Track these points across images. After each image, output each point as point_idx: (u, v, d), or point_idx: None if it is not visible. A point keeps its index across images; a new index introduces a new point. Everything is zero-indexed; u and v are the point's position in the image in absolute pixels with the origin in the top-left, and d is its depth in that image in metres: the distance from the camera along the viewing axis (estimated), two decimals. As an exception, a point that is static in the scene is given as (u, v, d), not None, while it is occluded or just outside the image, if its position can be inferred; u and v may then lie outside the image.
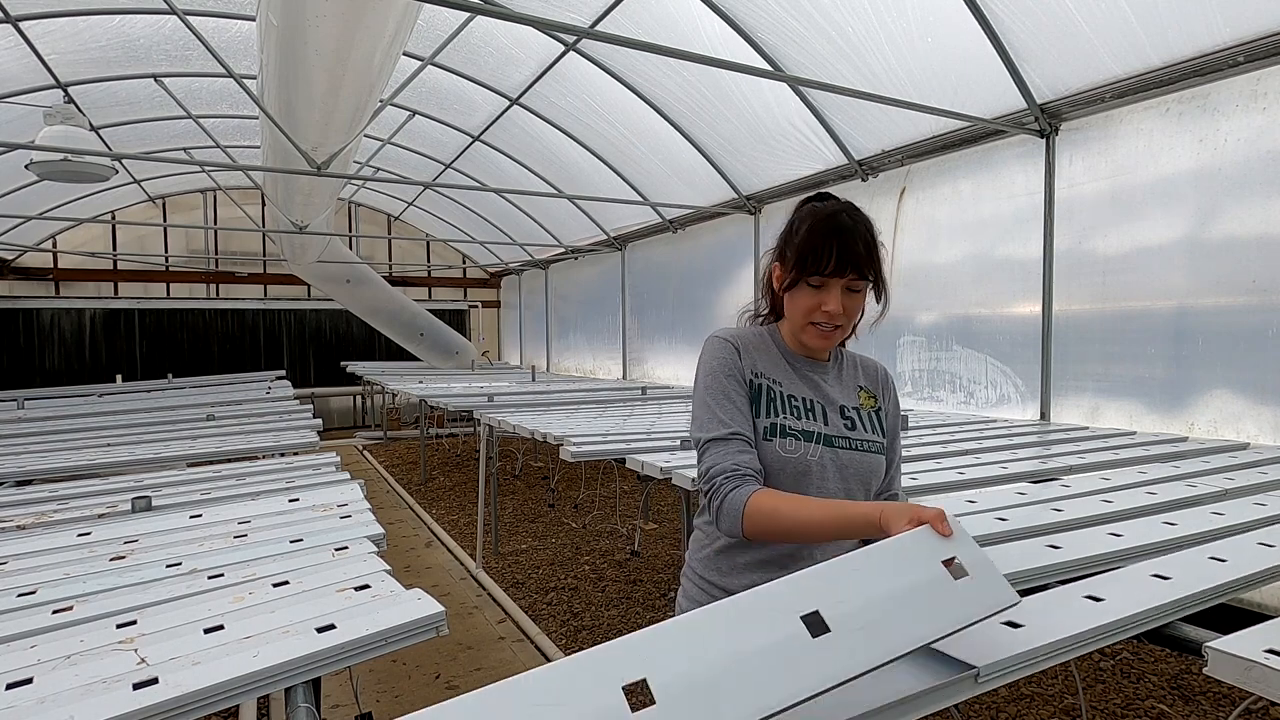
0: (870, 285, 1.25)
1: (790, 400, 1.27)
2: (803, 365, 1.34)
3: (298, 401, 5.58)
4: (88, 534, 1.92)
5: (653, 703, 0.69)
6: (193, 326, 11.35)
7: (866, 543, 1.31)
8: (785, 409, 1.26)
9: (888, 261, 1.29)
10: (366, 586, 1.39)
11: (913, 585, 0.89)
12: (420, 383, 8.08)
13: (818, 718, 0.83)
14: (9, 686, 1.02)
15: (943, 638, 0.85)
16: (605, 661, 0.73)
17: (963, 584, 0.90)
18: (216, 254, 11.44)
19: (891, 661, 0.81)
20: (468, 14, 4.48)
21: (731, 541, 1.28)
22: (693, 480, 2.40)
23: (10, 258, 10.11)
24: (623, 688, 0.70)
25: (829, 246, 1.20)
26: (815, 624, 0.82)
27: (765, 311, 1.41)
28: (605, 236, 8.98)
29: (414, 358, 11.18)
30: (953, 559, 0.93)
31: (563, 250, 9.90)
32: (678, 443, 3.16)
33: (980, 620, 0.88)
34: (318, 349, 12.30)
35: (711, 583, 1.29)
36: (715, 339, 1.32)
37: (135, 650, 1.13)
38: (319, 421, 4.45)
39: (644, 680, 0.71)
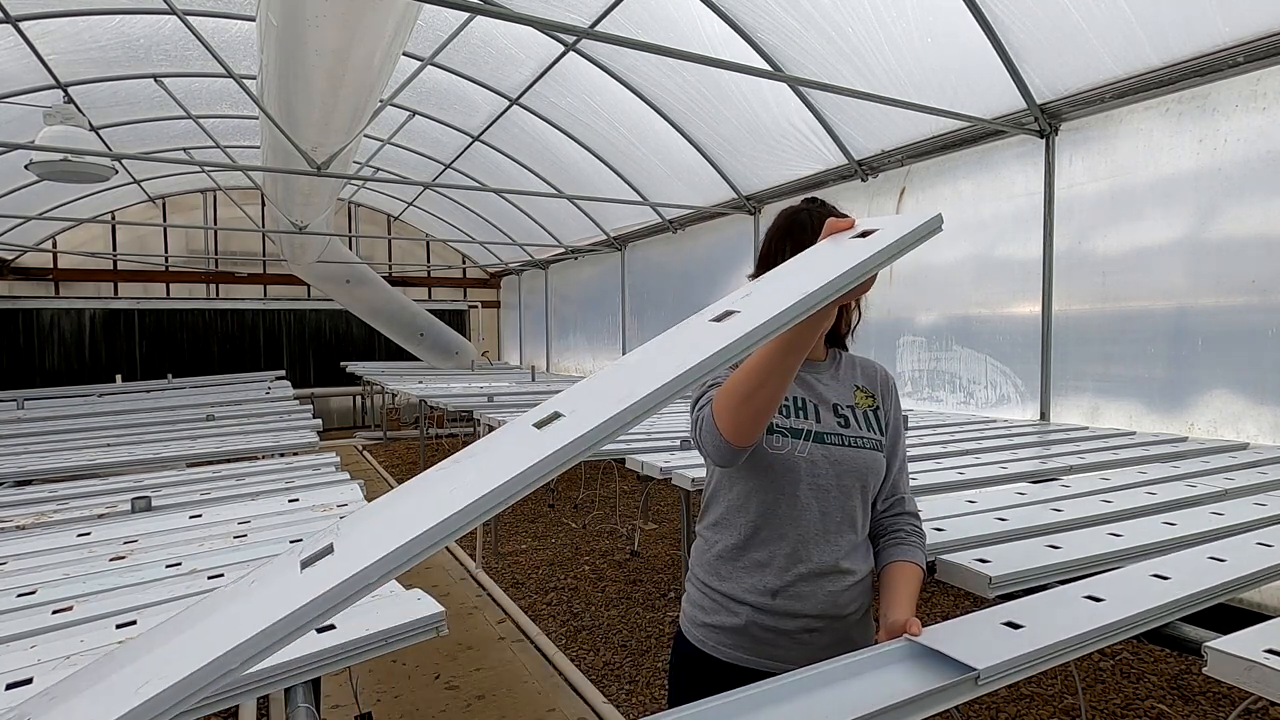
0: None
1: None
2: None
3: (297, 402, 5.58)
4: (87, 534, 1.92)
5: (560, 417, 0.73)
6: (193, 326, 11.35)
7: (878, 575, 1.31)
8: None
9: None
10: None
11: (826, 257, 0.91)
12: (420, 383, 8.08)
13: (817, 718, 0.83)
14: (9, 686, 1.02)
15: (858, 269, 0.84)
16: (517, 420, 0.78)
17: (876, 236, 0.91)
18: (216, 254, 11.44)
19: (808, 305, 0.81)
20: (468, 14, 4.48)
21: (731, 545, 1.28)
22: (693, 480, 2.40)
23: (10, 258, 10.11)
24: (533, 425, 0.75)
25: (784, 243, 1.23)
26: (723, 317, 0.83)
27: None
28: (605, 236, 8.98)
29: (414, 358, 11.18)
30: (867, 231, 0.94)
31: (563, 250, 9.90)
32: (678, 443, 3.16)
33: (905, 243, 0.87)
34: (318, 349, 12.30)
35: (713, 588, 1.29)
36: None
37: (135, 650, 1.13)
38: (319, 422, 4.45)
39: (555, 412, 0.75)
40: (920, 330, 4.95)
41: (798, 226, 1.23)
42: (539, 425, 0.73)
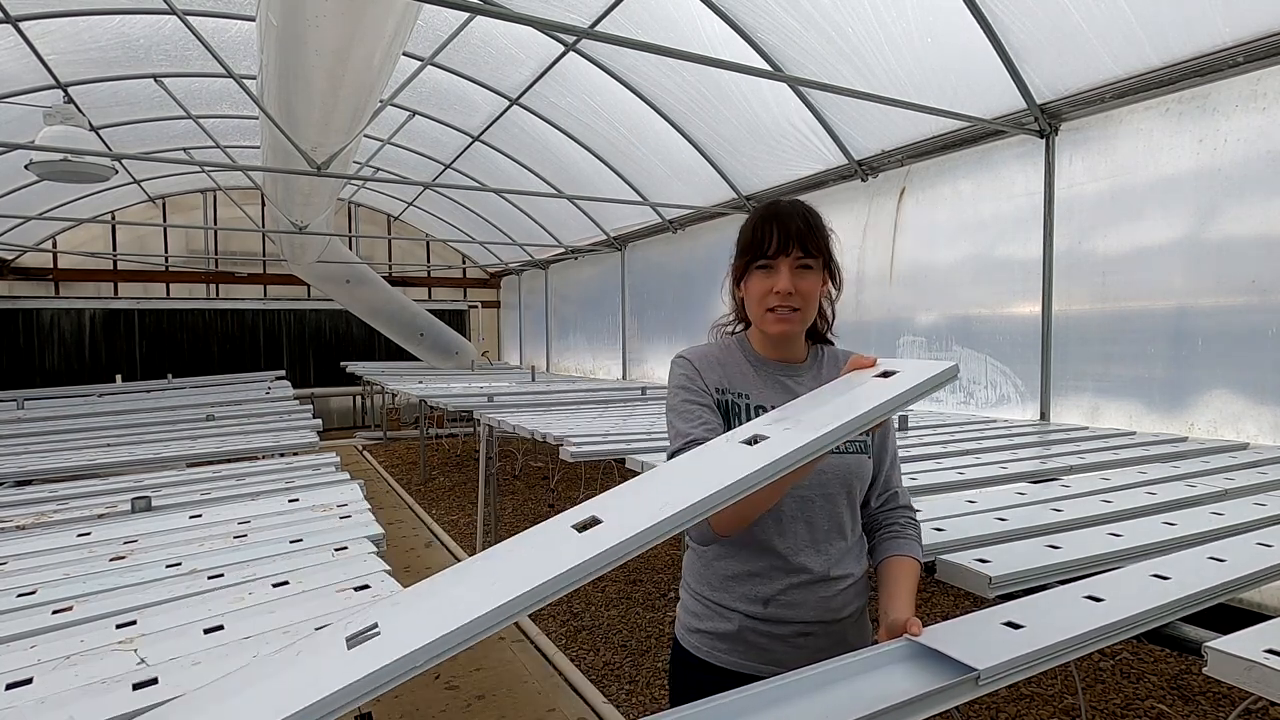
0: (823, 266, 1.25)
1: (759, 412, 1.25)
2: (774, 370, 1.31)
3: (297, 402, 5.58)
4: (88, 534, 1.92)
5: (599, 522, 0.78)
6: (193, 326, 11.35)
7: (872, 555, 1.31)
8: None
9: (839, 247, 1.30)
10: (366, 586, 1.39)
11: (849, 393, 0.99)
12: (420, 383, 8.08)
13: (817, 718, 0.83)
14: (9, 686, 1.02)
15: (882, 408, 0.92)
16: (559, 518, 0.84)
17: (895, 378, 0.99)
18: (216, 254, 11.44)
19: (834, 437, 0.88)
20: (468, 14, 4.48)
21: (722, 555, 1.26)
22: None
23: (10, 258, 10.11)
24: (572, 526, 0.79)
25: (769, 228, 1.23)
26: (754, 441, 0.90)
27: (733, 320, 1.42)
28: (605, 236, 8.98)
29: (414, 358, 11.18)
30: (887, 372, 1.03)
31: (563, 250, 9.90)
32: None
33: (922, 389, 0.95)
34: (318, 349, 12.29)
35: (707, 597, 1.28)
36: (675, 359, 1.34)
37: (135, 650, 1.13)
38: (319, 422, 4.45)
39: (593, 515, 0.80)
40: (920, 330, 4.95)
41: (784, 214, 1.23)
42: (579, 528, 0.78)
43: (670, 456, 1.22)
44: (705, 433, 1.20)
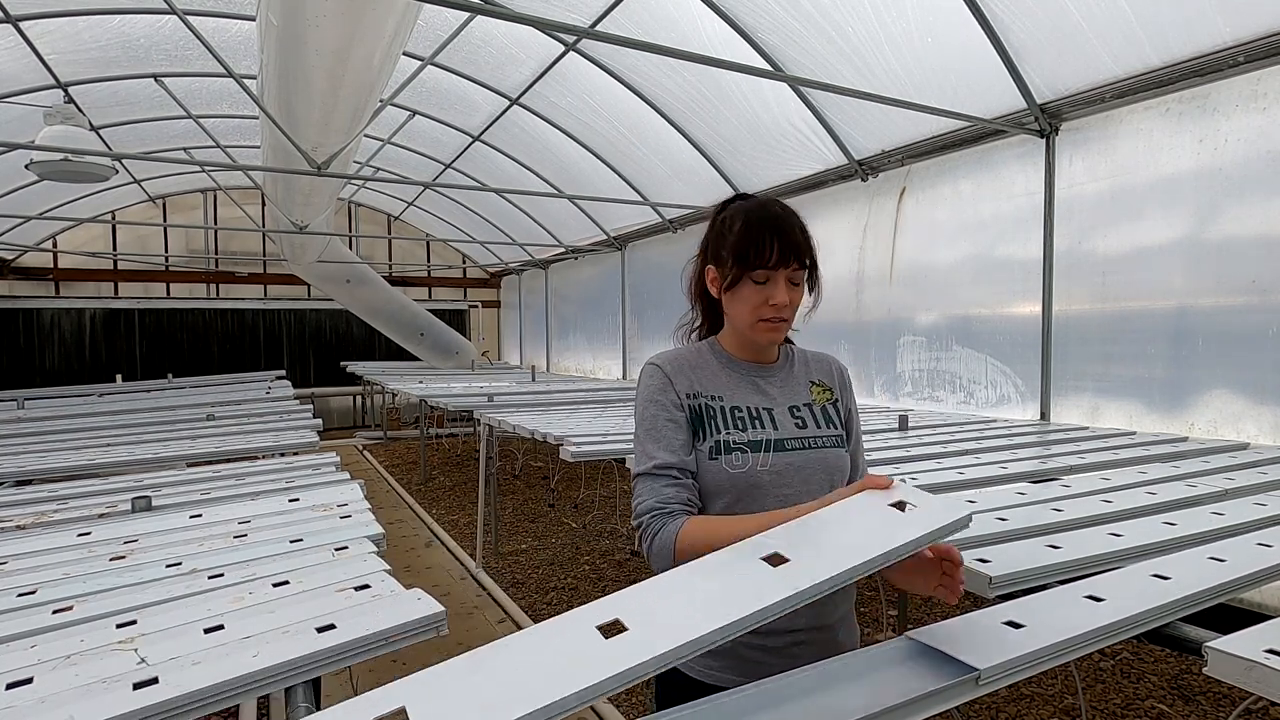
0: (806, 274, 1.25)
1: (734, 413, 1.24)
2: (748, 371, 1.30)
3: (298, 401, 5.58)
4: (88, 534, 1.92)
5: (625, 630, 0.78)
6: (193, 326, 11.35)
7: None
8: (729, 424, 1.23)
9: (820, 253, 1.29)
10: (366, 586, 1.39)
11: (864, 522, 0.98)
12: (420, 383, 8.08)
13: (817, 718, 0.83)
14: (9, 686, 1.02)
15: (898, 550, 0.92)
16: (579, 613, 0.84)
17: (911, 512, 0.98)
18: (216, 254, 11.44)
19: (852, 575, 0.88)
20: (468, 14, 4.48)
21: None
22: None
23: (10, 258, 10.11)
24: (596, 627, 0.80)
25: (769, 238, 1.19)
26: (774, 560, 0.90)
27: (700, 324, 1.39)
28: (605, 236, 8.98)
29: (414, 358, 11.18)
30: (901, 502, 1.02)
31: (563, 250, 9.90)
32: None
33: (937, 534, 0.95)
34: (318, 349, 12.30)
35: None
36: (646, 366, 1.30)
37: (135, 650, 1.13)
38: (319, 421, 4.45)
39: (616, 619, 0.80)
40: (920, 330, 4.95)
41: (784, 224, 1.22)
42: (603, 631, 0.79)
43: (636, 477, 1.22)
44: (669, 456, 1.19)
